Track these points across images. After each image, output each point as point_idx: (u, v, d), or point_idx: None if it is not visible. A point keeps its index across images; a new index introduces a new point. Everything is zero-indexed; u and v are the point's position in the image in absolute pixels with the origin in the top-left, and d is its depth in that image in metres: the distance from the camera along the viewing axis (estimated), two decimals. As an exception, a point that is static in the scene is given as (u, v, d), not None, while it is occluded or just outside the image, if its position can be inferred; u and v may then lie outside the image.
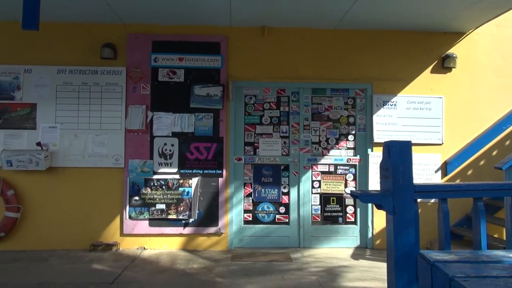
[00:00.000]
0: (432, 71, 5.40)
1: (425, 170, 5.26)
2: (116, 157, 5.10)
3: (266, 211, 5.27)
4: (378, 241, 5.20)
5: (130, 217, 5.06)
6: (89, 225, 5.07)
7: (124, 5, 4.65)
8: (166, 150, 5.13)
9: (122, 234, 5.08)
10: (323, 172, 5.33)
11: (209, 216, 5.12)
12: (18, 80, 5.10)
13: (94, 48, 5.16)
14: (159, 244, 5.11)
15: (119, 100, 5.15)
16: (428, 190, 2.55)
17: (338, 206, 5.32)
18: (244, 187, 5.27)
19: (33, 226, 5.04)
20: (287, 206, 5.29)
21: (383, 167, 2.40)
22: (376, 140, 5.26)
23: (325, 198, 5.31)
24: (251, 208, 5.27)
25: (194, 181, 5.09)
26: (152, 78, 5.19)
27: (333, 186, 5.31)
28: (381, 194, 2.38)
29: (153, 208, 5.06)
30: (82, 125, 5.12)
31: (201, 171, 5.14)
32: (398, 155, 2.31)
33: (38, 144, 4.96)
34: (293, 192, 5.28)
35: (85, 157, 5.09)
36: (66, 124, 5.10)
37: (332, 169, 5.34)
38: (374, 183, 5.18)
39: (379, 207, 2.47)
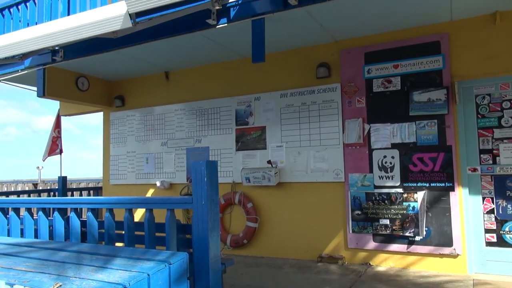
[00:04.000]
0: None
1: None
2: (336, 171, 5.21)
3: (516, 231, 4.34)
4: None
5: (353, 231, 5.04)
6: (315, 237, 5.32)
7: (336, 23, 4.77)
8: (386, 162, 4.92)
9: (346, 247, 5.11)
10: None
11: (440, 234, 4.58)
12: (250, 108, 5.90)
13: (309, 69, 5.50)
14: (384, 260, 4.89)
15: (335, 115, 5.28)
16: None
17: None
18: (483, 202, 4.50)
19: (268, 236, 5.65)
20: (546, 226, 4.22)
21: None
22: None
23: None
24: (495, 227, 4.43)
25: (419, 195, 4.67)
26: (367, 90, 5.11)
27: None
28: None
29: (376, 223, 4.89)
30: (304, 142, 5.47)
31: (427, 184, 4.68)
32: None
33: (269, 162, 5.57)
34: (555, 209, 4.18)
35: (308, 173, 5.41)
36: (290, 143, 5.55)
37: None
38: None
39: None
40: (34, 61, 5.41)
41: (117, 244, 3.40)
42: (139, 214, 6.38)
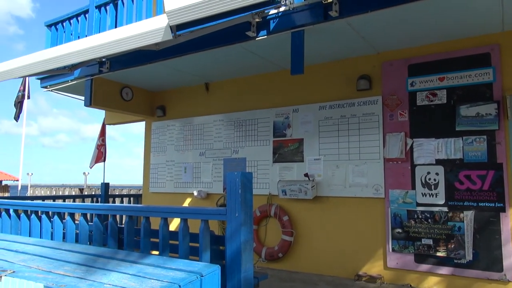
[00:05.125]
0: None
1: None
2: (376, 187, 5.02)
3: None
4: None
5: (393, 250, 4.82)
6: (352, 253, 5.13)
7: (378, 34, 4.65)
8: (429, 179, 4.68)
9: (385, 267, 4.89)
10: None
11: (489, 258, 4.28)
12: (288, 120, 5.86)
13: (350, 81, 5.38)
14: (426, 283, 4.62)
15: (376, 129, 5.11)
16: None
17: None
18: (537, 226, 4.17)
19: (304, 250, 5.52)
20: None
21: None
22: None
23: None
24: (551, 254, 4.09)
25: (466, 215, 4.40)
26: (410, 103, 4.91)
27: None
28: None
29: (418, 243, 4.65)
30: (342, 156, 5.33)
31: (475, 204, 4.40)
32: None
33: (306, 175, 5.48)
34: None
35: (346, 187, 5.25)
36: (328, 156, 5.44)
37: None
38: None
39: None
40: (82, 72, 5.69)
41: (152, 252, 3.44)
42: (175, 224, 6.46)
